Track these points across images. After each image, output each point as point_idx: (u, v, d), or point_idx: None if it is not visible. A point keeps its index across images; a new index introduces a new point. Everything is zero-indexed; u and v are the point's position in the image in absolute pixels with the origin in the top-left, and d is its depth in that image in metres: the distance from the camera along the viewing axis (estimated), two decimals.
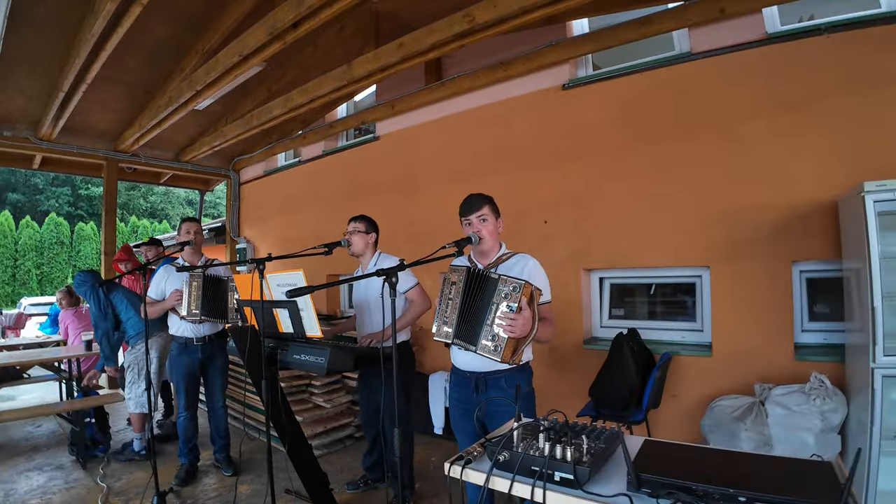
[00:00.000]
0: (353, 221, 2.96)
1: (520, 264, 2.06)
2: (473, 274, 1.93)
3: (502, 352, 1.77)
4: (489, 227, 2.09)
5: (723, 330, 3.33)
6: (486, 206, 2.12)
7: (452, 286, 1.96)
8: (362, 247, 2.93)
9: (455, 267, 2.01)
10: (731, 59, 3.33)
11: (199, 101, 4.67)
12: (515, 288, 1.78)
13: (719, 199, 3.30)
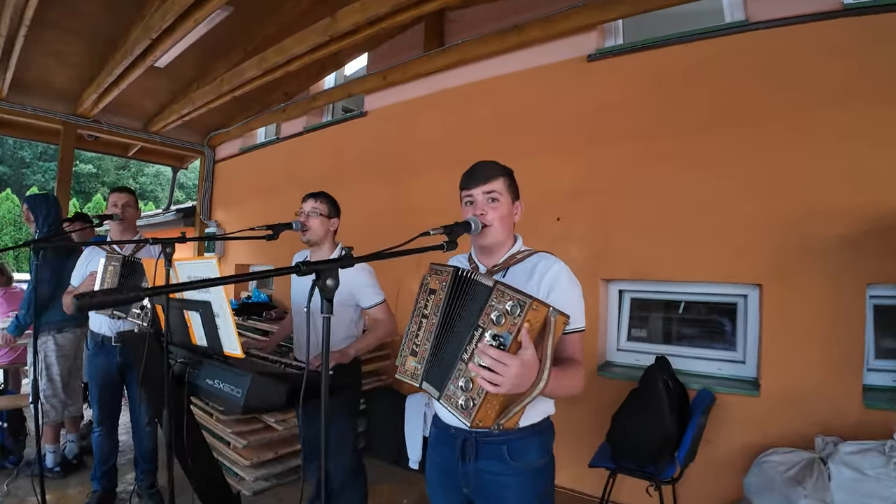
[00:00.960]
0: (311, 199, 2.29)
1: (539, 269, 1.39)
2: (461, 277, 1.26)
3: (475, 411, 1.08)
4: (501, 210, 1.42)
5: (774, 364, 2.67)
6: (501, 178, 1.46)
7: (431, 296, 1.28)
8: (321, 234, 2.27)
9: (438, 267, 1.33)
10: (799, 31, 2.69)
11: (156, 54, 3.97)
12: (515, 307, 1.09)
13: (777, 201, 2.66)
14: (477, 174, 1.45)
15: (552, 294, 1.32)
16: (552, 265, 1.38)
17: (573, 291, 1.37)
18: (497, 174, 1.45)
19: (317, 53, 3.56)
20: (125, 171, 35.39)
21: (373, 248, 3.51)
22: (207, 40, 4.41)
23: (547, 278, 1.35)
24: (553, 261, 1.40)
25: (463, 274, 1.25)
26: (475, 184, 1.44)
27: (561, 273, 1.36)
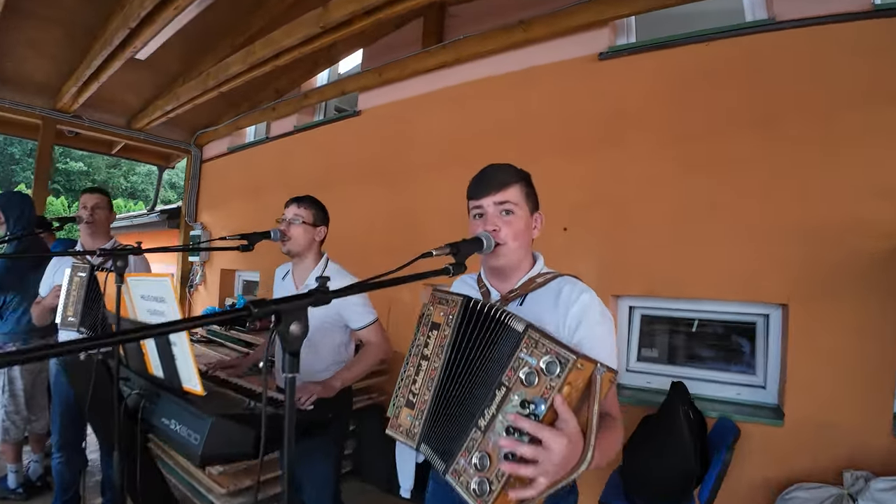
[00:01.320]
0: (293, 204, 2.05)
1: (563, 297, 1.16)
2: (474, 310, 1.03)
3: (491, 499, 0.84)
4: (517, 224, 1.20)
5: (800, 391, 2.45)
6: (516, 185, 1.23)
7: (433, 332, 1.04)
8: (304, 244, 2.02)
9: (443, 295, 1.10)
10: (827, 32, 2.48)
11: (136, 45, 3.71)
12: (553, 364, 0.85)
13: (806, 213, 2.44)
14: (487, 181, 1.21)
15: (580, 330, 1.09)
16: (580, 294, 1.14)
17: (605, 328, 1.13)
18: (512, 180, 1.21)
19: (308, 47, 3.32)
20: (116, 170, 34.96)
21: (366, 257, 3.24)
22: (192, 33, 4.16)
23: (574, 310, 1.12)
24: (580, 288, 1.17)
25: (478, 307, 1.00)
26: (485, 192, 1.20)
27: (591, 305, 1.13)
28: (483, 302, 1.03)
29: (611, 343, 1.14)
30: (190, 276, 6.05)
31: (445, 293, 1.10)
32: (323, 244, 2.18)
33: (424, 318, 1.08)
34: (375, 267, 3.43)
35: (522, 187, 1.24)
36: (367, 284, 0.84)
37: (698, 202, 2.70)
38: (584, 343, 1.08)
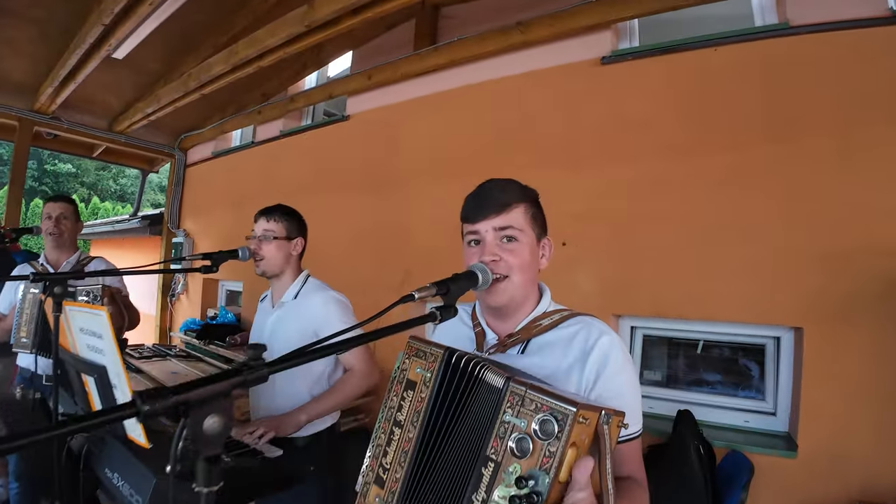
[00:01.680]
0: (262, 218, 1.84)
1: (578, 342, 0.99)
2: (457, 367, 0.84)
3: None
4: (521, 254, 1.02)
5: (814, 418, 2.28)
6: (520, 206, 1.05)
7: (408, 393, 0.85)
8: (279, 262, 1.82)
9: (421, 346, 0.90)
10: (847, 38, 2.34)
11: (112, 43, 3.51)
12: (548, 422, 0.68)
13: (824, 232, 2.28)
14: (485, 201, 1.03)
15: (599, 383, 0.91)
16: (599, 337, 0.96)
17: (629, 377, 0.96)
18: (515, 200, 1.03)
19: (293, 46, 3.13)
20: (106, 172, 34.53)
21: (353, 269, 3.01)
22: (173, 33, 3.98)
23: (594, 358, 0.94)
24: (598, 329, 0.99)
25: (461, 363, 0.81)
26: (483, 215, 1.02)
27: (612, 351, 0.95)
28: (469, 355, 0.84)
29: (636, 396, 0.97)
30: (172, 285, 5.82)
31: (424, 343, 0.90)
32: (303, 256, 1.98)
33: (398, 374, 0.89)
34: (363, 277, 3.20)
35: (528, 208, 1.05)
36: (330, 345, 0.65)
37: (707, 218, 2.53)
38: (604, 399, 0.90)
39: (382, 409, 0.89)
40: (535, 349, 1.01)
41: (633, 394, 0.97)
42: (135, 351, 4.20)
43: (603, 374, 0.94)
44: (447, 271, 0.95)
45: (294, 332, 1.77)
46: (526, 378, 0.76)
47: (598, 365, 0.94)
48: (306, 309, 1.81)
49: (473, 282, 0.91)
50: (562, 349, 0.98)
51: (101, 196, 32.25)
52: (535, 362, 0.97)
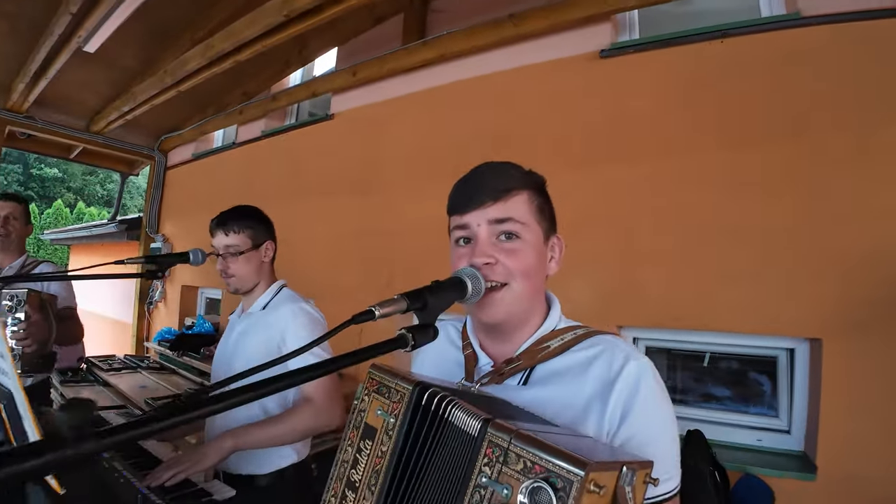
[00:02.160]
0: (220, 232, 1.62)
1: (598, 369, 0.77)
2: (428, 410, 0.62)
3: None
4: (525, 256, 0.80)
5: (835, 437, 2.09)
6: (523, 193, 0.84)
7: (366, 444, 0.65)
8: (252, 276, 1.63)
9: (385, 379, 0.69)
10: (862, 30, 2.17)
11: (81, 34, 3.30)
12: (543, 493, 0.47)
13: (844, 236, 2.10)
14: (477, 185, 0.82)
15: (627, 422, 0.71)
16: (625, 363, 0.75)
17: (664, 416, 0.75)
18: (517, 185, 0.82)
19: (272, 38, 2.93)
20: (93, 177, 34.12)
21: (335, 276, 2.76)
22: (149, 27, 3.79)
23: (619, 390, 0.73)
24: (624, 353, 0.77)
25: (433, 402, 0.61)
26: (474, 203, 0.81)
27: (643, 380, 0.74)
28: (444, 392, 0.62)
29: (673, 440, 0.76)
30: (149, 293, 5.56)
31: (388, 375, 0.68)
32: (275, 260, 1.76)
33: (355, 416, 0.68)
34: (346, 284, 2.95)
35: (532, 197, 0.84)
36: (278, 378, 0.44)
37: (715, 221, 2.35)
38: (631, 446, 0.70)
39: (335, 464, 0.68)
40: (542, 379, 0.80)
41: (669, 437, 0.76)
42: (104, 363, 3.95)
43: (631, 411, 0.73)
44: (435, 276, 0.76)
45: (257, 344, 1.56)
46: (516, 420, 0.55)
47: (625, 400, 0.73)
48: (273, 320, 1.60)
49: (460, 292, 0.70)
50: (576, 379, 0.77)
51: (88, 201, 31.83)
52: (542, 396, 0.76)
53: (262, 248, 1.67)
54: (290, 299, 1.68)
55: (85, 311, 7.49)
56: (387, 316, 0.56)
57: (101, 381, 3.56)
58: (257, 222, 1.70)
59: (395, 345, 0.55)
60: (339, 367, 0.49)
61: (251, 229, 1.66)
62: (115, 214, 6.46)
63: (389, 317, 0.58)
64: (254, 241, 1.64)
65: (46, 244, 22.77)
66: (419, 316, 0.61)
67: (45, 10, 3.61)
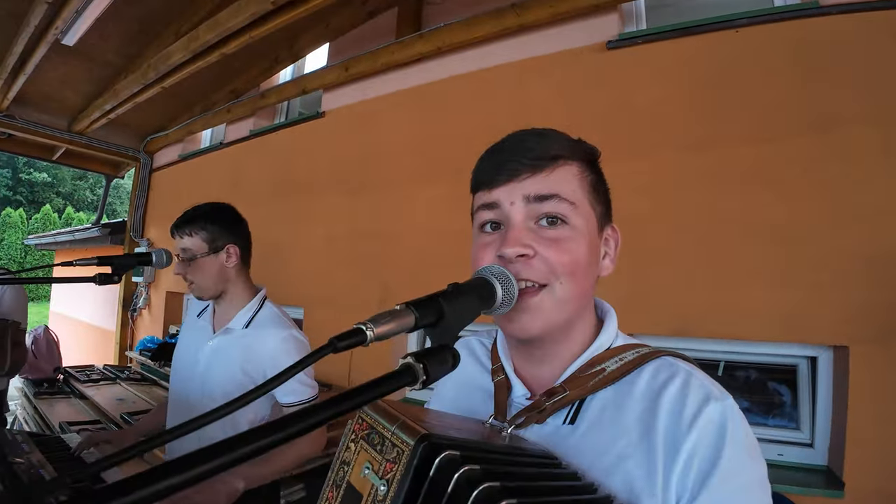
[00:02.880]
0: (177, 233, 1.48)
1: (668, 409, 0.57)
2: (431, 483, 0.42)
3: None
4: (574, 247, 0.61)
5: (865, 452, 1.94)
6: (572, 164, 0.64)
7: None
8: (212, 282, 1.47)
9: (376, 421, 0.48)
10: (887, 19, 2.04)
11: (58, 25, 3.13)
12: None
13: (870, 237, 1.96)
14: (511, 153, 0.64)
15: (706, 491, 0.53)
16: (703, 405, 0.56)
17: (753, 480, 0.56)
18: (563, 153, 0.64)
19: (260, 29, 2.77)
20: (83, 182, 33.80)
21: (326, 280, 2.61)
22: (132, 20, 3.62)
23: (694, 444, 0.54)
24: (703, 389, 0.58)
25: (441, 474, 0.42)
26: (505, 175, 0.63)
27: (729, 431, 0.55)
28: (455, 455, 0.43)
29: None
30: (133, 299, 5.36)
31: (383, 415, 0.48)
32: (250, 264, 1.60)
33: (336, 470, 0.48)
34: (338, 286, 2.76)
35: (584, 171, 0.66)
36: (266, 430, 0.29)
37: (730, 221, 2.21)
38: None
39: None
40: (596, 417, 0.61)
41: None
42: (82, 373, 3.75)
43: (712, 476, 0.53)
44: (432, 281, 0.59)
45: (237, 368, 1.40)
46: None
47: (703, 458, 0.54)
48: (259, 344, 1.45)
49: (486, 299, 0.52)
50: (642, 419, 0.58)
51: (77, 206, 31.47)
52: (596, 443, 0.58)
53: (220, 254, 1.50)
54: (277, 322, 1.52)
55: (66, 318, 7.28)
56: (385, 337, 0.39)
57: (77, 392, 3.36)
58: (215, 223, 1.53)
59: (398, 381, 0.38)
60: (328, 419, 0.33)
61: (206, 231, 1.50)
62: (100, 218, 6.26)
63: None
64: (211, 244, 1.48)
65: (33, 250, 22.45)
66: (432, 335, 0.44)
67: (22, 1, 3.45)
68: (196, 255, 1.46)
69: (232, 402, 0.35)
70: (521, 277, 0.59)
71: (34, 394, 3.36)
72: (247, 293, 1.56)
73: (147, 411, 2.87)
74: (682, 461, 0.55)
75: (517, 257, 0.60)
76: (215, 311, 1.59)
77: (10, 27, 3.72)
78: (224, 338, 1.52)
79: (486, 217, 0.66)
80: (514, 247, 0.60)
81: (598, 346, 0.67)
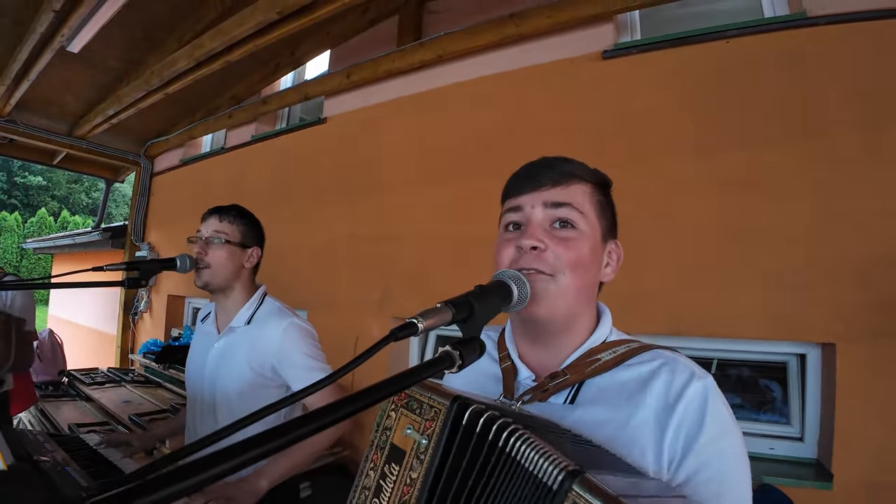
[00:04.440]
0: (215, 217, 1.54)
1: (657, 390, 0.68)
2: (465, 430, 0.53)
3: None
4: (579, 247, 0.74)
5: (851, 445, 2.03)
6: (586, 185, 0.80)
7: (391, 468, 0.54)
8: (227, 274, 1.51)
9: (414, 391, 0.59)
10: (872, 30, 2.13)
11: (64, 32, 3.19)
12: None
13: (857, 238, 2.05)
14: (540, 169, 0.78)
15: (693, 454, 0.63)
16: (688, 381, 0.67)
17: (734, 443, 0.66)
18: (579, 174, 0.79)
19: (264, 38, 2.84)
20: (78, 186, 33.64)
21: (328, 285, 2.67)
22: (135, 27, 3.68)
23: (681, 414, 0.65)
24: (687, 369, 0.70)
25: (478, 424, 0.52)
26: (532, 185, 0.76)
27: (710, 402, 0.66)
28: (492, 412, 0.53)
29: (745, 472, 0.66)
30: (134, 303, 5.39)
31: (418, 387, 0.58)
32: (258, 273, 1.66)
33: (379, 435, 0.58)
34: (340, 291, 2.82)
35: (594, 191, 0.80)
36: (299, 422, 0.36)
37: (720, 224, 2.29)
38: (697, 482, 0.62)
39: (354, 490, 0.58)
40: (592, 397, 0.71)
41: (742, 470, 0.66)
42: (86, 376, 3.79)
43: (697, 440, 0.64)
44: (433, 286, 0.66)
45: (245, 365, 1.46)
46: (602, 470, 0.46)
47: (689, 426, 0.64)
48: (262, 338, 1.50)
49: (505, 298, 0.61)
50: (632, 399, 0.68)
51: (72, 210, 31.33)
52: (592, 418, 0.68)
53: (248, 251, 1.58)
54: (278, 313, 1.58)
55: (67, 322, 7.29)
56: (431, 329, 0.46)
57: (82, 395, 3.40)
58: (253, 226, 1.62)
59: (440, 366, 0.46)
60: (373, 402, 0.40)
61: (244, 228, 1.57)
62: (100, 222, 6.29)
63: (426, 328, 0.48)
64: (243, 238, 1.55)
65: (29, 254, 22.36)
66: (463, 328, 0.52)
67: (27, 9, 3.49)
68: (230, 241, 1.52)
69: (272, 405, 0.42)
70: (532, 267, 0.71)
71: (39, 396, 3.39)
72: (249, 292, 1.62)
73: (154, 413, 2.92)
74: (671, 429, 0.65)
75: (531, 249, 0.72)
76: (218, 314, 1.65)
77: (15, 34, 3.77)
78: (229, 337, 1.57)
79: (511, 219, 0.79)
80: (531, 239, 0.73)
81: (595, 339, 0.78)
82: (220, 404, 1.49)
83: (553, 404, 0.72)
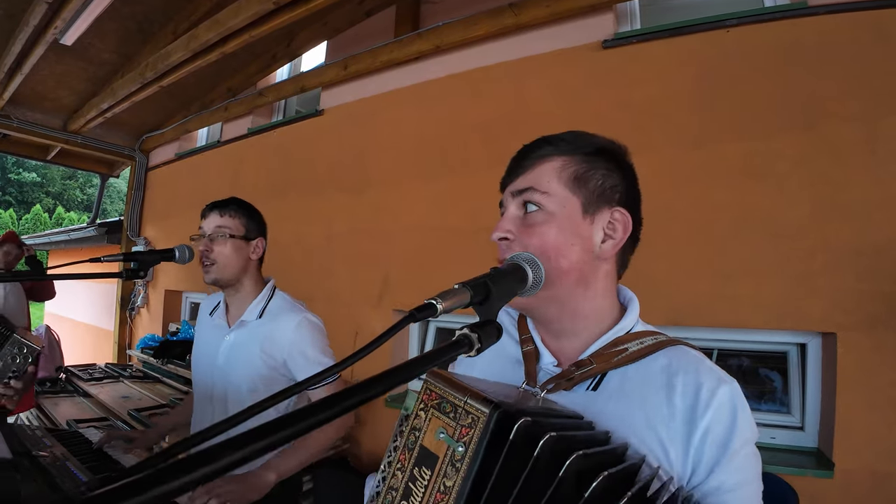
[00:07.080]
0: (215, 212, 1.51)
1: (684, 389, 0.66)
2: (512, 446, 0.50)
3: None
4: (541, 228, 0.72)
5: (852, 433, 2.03)
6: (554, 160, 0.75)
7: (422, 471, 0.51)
8: (236, 268, 1.49)
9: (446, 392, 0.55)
10: (874, 19, 2.12)
11: (58, 25, 3.14)
12: None
13: (857, 228, 2.04)
14: (513, 161, 0.78)
15: (720, 466, 0.62)
16: (717, 388, 0.65)
17: (755, 459, 0.67)
18: (549, 153, 0.75)
19: (260, 29, 2.81)
20: (72, 182, 33.46)
21: (326, 278, 2.67)
22: (129, 19, 3.63)
23: (710, 422, 0.63)
24: (715, 374, 0.68)
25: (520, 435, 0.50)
26: (508, 178, 0.77)
27: (738, 412, 0.65)
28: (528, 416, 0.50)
29: (758, 480, 0.67)
30: (131, 298, 5.37)
31: (452, 387, 0.54)
32: (263, 263, 1.65)
33: (407, 435, 0.55)
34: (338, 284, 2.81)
35: (567, 164, 0.73)
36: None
37: (722, 214, 2.29)
38: (729, 489, 0.62)
39: (379, 483, 0.56)
40: (616, 388, 0.69)
41: (756, 479, 0.67)
42: (84, 372, 3.77)
43: (729, 447, 0.63)
44: (432, 278, 0.66)
45: (258, 359, 1.45)
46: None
47: (720, 432, 0.63)
48: (274, 332, 1.49)
49: (521, 281, 0.60)
50: (657, 395, 0.66)
51: (67, 206, 31.18)
52: (616, 410, 0.66)
53: (252, 243, 1.57)
54: (290, 307, 1.58)
55: (63, 318, 7.25)
56: (449, 311, 0.45)
57: (80, 391, 3.39)
58: (254, 217, 1.61)
59: (457, 349, 0.45)
60: (391, 387, 0.39)
61: (246, 220, 1.56)
62: (95, 217, 6.25)
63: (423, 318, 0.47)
64: (247, 231, 1.54)
65: None
66: (479, 311, 0.51)
67: (19, 1, 3.45)
68: (234, 235, 1.51)
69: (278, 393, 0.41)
70: (502, 258, 0.71)
71: (37, 393, 3.37)
72: (258, 285, 1.61)
73: (154, 408, 2.91)
74: (699, 435, 0.63)
75: (500, 240, 0.73)
76: (228, 307, 1.63)
77: (7, 27, 3.72)
78: (240, 331, 1.56)
79: (501, 211, 0.79)
80: (497, 231, 0.74)
81: (621, 328, 0.74)
82: (230, 398, 1.48)
83: (577, 392, 0.71)
